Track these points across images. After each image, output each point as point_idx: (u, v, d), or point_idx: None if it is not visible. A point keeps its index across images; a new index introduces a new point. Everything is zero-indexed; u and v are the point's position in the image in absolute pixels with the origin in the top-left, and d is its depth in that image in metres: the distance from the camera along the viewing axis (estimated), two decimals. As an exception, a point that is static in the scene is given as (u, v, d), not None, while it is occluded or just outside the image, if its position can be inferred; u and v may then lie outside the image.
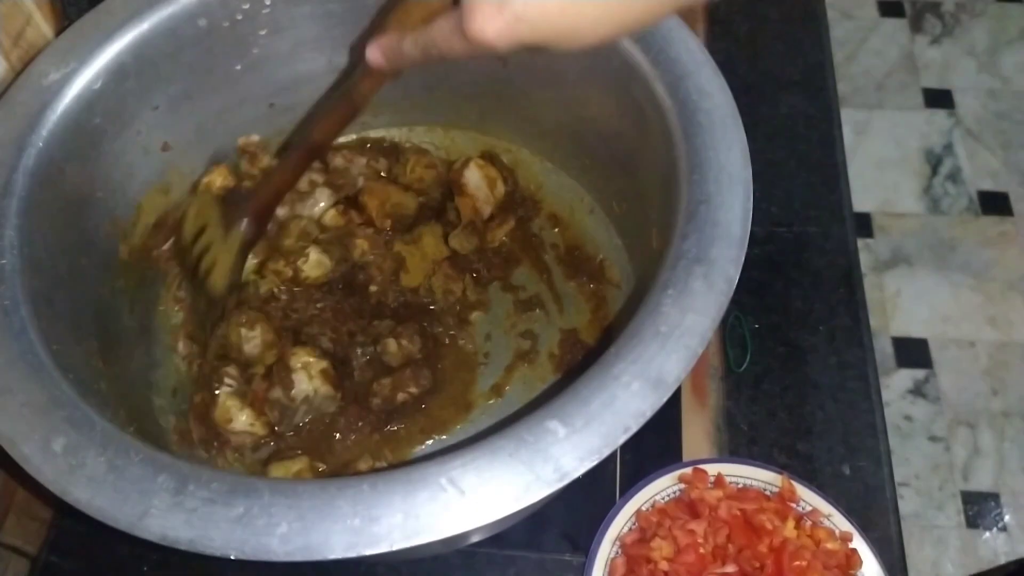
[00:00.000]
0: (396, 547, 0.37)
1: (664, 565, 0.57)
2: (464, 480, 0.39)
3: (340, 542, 0.37)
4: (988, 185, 1.77)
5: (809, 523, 0.59)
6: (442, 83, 0.71)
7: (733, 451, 0.66)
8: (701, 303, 0.44)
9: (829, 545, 0.58)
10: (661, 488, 0.61)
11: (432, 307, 0.68)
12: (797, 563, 0.56)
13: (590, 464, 0.39)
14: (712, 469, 0.61)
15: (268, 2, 0.62)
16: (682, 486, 0.61)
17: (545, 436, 0.40)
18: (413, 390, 0.63)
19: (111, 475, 0.40)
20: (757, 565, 0.56)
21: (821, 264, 0.74)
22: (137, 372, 0.63)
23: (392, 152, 0.75)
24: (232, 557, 0.37)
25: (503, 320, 0.69)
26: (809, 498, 0.60)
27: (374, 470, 0.60)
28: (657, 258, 0.48)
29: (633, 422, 0.40)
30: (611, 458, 0.40)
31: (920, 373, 1.54)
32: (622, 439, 0.40)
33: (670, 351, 0.42)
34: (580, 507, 0.62)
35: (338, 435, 0.63)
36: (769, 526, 0.58)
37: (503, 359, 0.67)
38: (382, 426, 0.63)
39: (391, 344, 0.64)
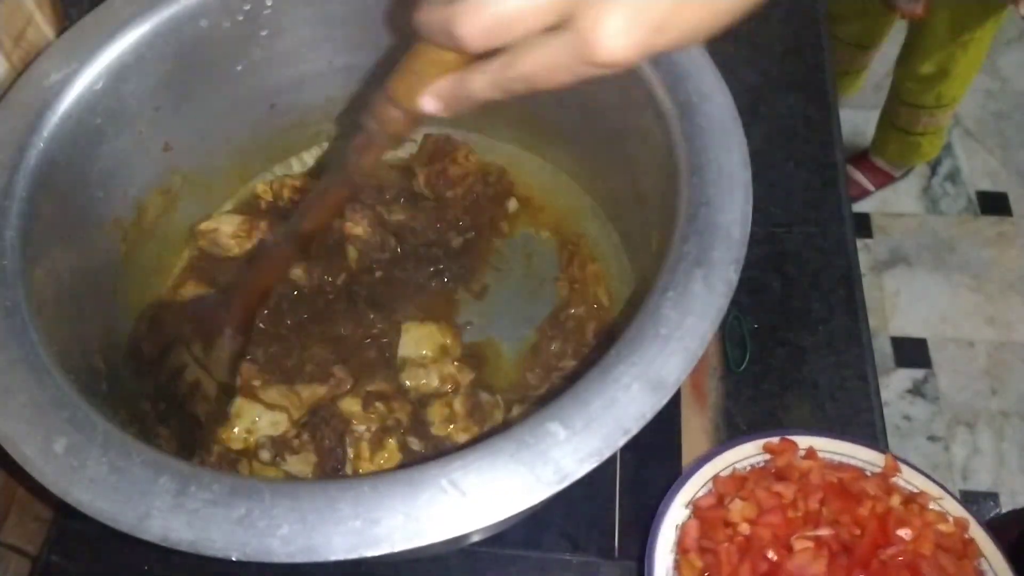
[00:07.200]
0: (397, 548, 0.37)
1: (745, 528, 0.50)
2: (465, 482, 0.39)
3: (342, 544, 0.37)
4: (987, 185, 1.77)
5: (916, 506, 0.52)
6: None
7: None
8: (701, 306, 0.44)
9: (941, 527, 0.51)
10: (743, 456, 0.55)
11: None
12: (903, 531, 0.49)
13: (590, 466, 0.39)
14: (803, 441, 0.55)
15: (269, 3, 0.62)
16: (767, 456, 0.55)
17: (545, 438, 0.40)
18: None
19: (112, 476, 0.40)
20: (857, 532, 0.49)
21: (820, 264, 0.75)
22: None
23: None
24: (234, 558, 0.37)
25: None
26: (917, 480, 0.53)
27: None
28: (657, 260, 0.48)
29: (633, 424, 0.40)
30: (611, 458, 0.40)
31: (919, 373, 1.54)
32: (622, 441, 0.40)
33: (670, 353, 0.42)
34: (580, 507, 0.62)
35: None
36: (872, 491, 0.51)
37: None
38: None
39: None
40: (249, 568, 0.40)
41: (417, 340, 0.64)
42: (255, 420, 0.59)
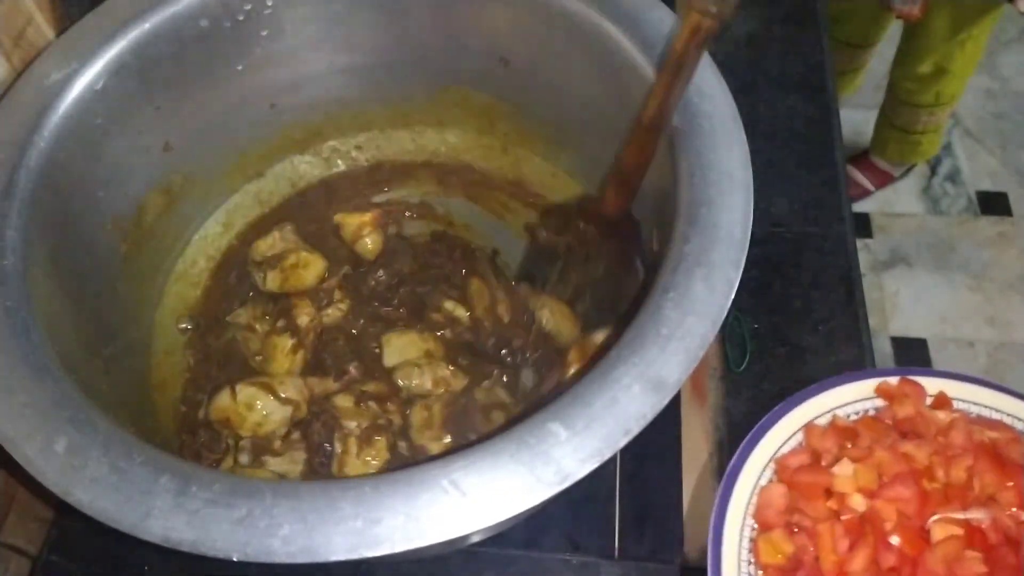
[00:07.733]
0: (398, 549, 0.37)
1: (858, 501, 0.36)
2: (466, 482, 0.39)
3: (342, 544, 0.37)
4: (987, 185, 1.77)
5: None
6: (446, 86, 0.72)
7: (732, 450, 0.66)
8: (702, 306, 0.44)
9: None
10: (845, 400, 0.42)
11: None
12: None
13: (591, 466, 0.39)
14: (931, 384, 0.40)
15: (270, 3, 0.62)
16: (880, 403, 0.42)
17: (547, 438, 0.40)
18: None
19: (113, 476, 0.40)
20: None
21: (820, 264, 0.75)
22: (138, 372, 0.63)
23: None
24: (235, 559, 0.37)
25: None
26: None
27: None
28: (658, 261, 0.48)
29: (634, 424, 0.40)
30: (611, 458, 0.40)
31: (919, 373, 1.54)
32: (623, 441, 0.40)
33: (671, 354, 0.42)
34: (580, 507, 0.62)
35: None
36: None
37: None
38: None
39: None
40: (249, 568, 0.40)
41: (400, 349, 0.64)
42: (267, 414, 0.59)
